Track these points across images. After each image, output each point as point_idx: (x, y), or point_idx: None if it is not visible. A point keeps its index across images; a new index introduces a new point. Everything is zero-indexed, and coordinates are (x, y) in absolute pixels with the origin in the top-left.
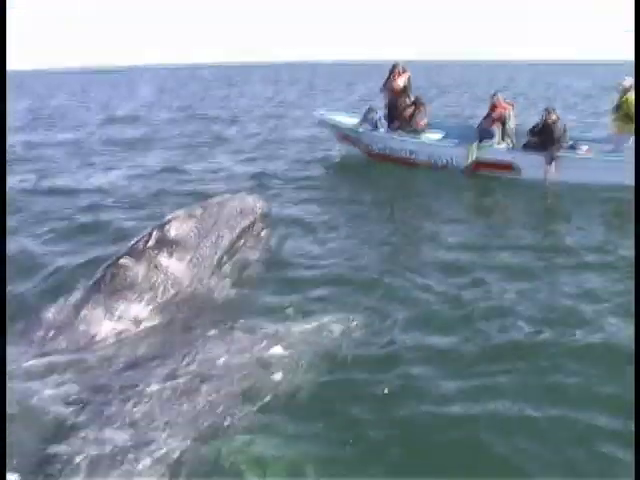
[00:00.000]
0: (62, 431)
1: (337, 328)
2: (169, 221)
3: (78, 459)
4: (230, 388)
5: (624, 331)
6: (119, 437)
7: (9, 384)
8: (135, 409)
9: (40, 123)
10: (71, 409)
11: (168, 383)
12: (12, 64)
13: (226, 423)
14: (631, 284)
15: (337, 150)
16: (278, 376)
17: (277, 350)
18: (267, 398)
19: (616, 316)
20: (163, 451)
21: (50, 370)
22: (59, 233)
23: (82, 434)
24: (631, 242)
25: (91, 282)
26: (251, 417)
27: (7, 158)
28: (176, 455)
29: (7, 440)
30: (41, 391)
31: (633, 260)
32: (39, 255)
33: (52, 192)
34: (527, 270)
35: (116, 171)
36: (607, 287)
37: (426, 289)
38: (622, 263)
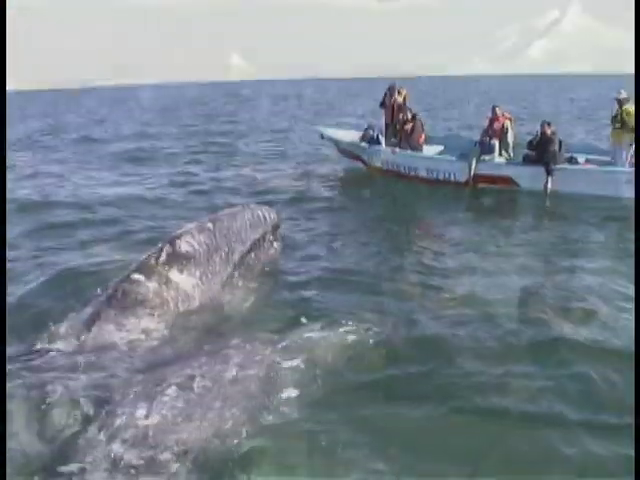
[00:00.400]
0: (71, 439)
1: (351, 336)
2: (180, 235)
3: (87, 466)
4: (243, 399)
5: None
6: (128, 446)
7: (18, 392)
8: (146, 420)
9: (51, 139)
10: (80, 417)
11: (179, 394)
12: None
13: (236, 440)
14: (631, 286)
15: (341, 165)
16: (292, 387)
17: (291, 361)
18: (281, 408)
19: (622, 317)
20: (172, 459)
21: (59, 379)
22: (70, 245)
23: (91, 441)
24: (630, 247)
25: (103, 297)
26: (265, 427)
27: (20, 173)
28: (184, 463)
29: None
30: (50, 398)
31: (632, 265)
32: (50, 266)
33: (64, 205)
34: (534, 271)
35: (126, 185)
36: (610, 288)
37: (436, 292)
38: (623, 266)
